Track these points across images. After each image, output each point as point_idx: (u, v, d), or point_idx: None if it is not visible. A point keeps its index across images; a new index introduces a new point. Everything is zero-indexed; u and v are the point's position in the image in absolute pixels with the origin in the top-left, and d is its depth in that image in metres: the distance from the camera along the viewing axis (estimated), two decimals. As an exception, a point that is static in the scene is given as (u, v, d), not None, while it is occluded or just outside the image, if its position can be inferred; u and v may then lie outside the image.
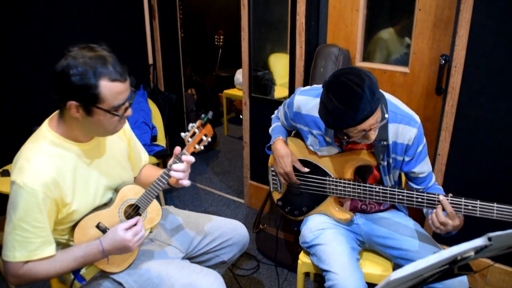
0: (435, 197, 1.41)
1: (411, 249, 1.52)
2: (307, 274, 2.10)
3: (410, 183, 1.61)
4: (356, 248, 1.62)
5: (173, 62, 3.38)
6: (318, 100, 1.53)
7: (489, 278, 2.08)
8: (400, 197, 1.48)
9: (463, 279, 1.43)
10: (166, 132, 2.99)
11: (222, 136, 4.39)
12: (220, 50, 4.58)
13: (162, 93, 3.10)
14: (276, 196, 1.82)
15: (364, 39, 2.30)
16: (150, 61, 3.21)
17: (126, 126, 1.51)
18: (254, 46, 2.60)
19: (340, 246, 1.53)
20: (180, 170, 1.35)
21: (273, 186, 1.81)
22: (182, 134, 1.36)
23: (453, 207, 1.37)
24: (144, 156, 1.62)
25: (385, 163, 1.55)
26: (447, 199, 1.38)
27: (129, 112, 1.26)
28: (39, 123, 1.30)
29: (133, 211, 1.40)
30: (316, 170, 1.65)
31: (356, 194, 1.56)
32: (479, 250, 0.80)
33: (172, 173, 1.35)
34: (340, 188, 1.59)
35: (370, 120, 1.32)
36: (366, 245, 1.69)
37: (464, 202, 1.37)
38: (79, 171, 1.29)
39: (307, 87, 1.69)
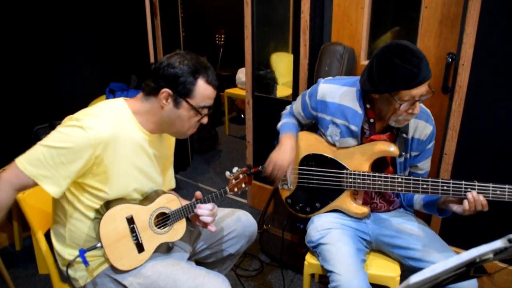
0: (461, 185, 1.38)
1: (419, 248, 1.50)
2: (312, 275, 2.07)
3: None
4: (362, 249, 1.60)
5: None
6: (345, 88, 1.57)
7: (497, 279, 2.06)
8: (424, 186, 1.43)
9: (473, 280, 1.41)
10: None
11: (224, 136, 4.37)
12: (221, 49, 4.55)
13: (164, 92, 3.07)
14: (285, 193, 1.78)
15: (369, 37, 2.28)
16: (152, 59, 3.19)
17: (174, 145, 1.57)
18: (257, 44, 2.58)
19: (345, 247, 1.51)
20: (206, 208, 1.43)
21: (282, 182, 1.78)
22: (227, 173, 1.47)
23: (480, 192, 1.36)
24: (172, 181, 1.65)
25: (403, 158, 1.55)
26: (475, 185, 1.36)
27: (206, 119, 1.35)
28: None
29: (163, 220, 1.42)
30: (331, 164, 1.62)
31: (377, 186, 1.52)
32: (498, 252, 0.78)
33: (199, 211, 1.43)
34: (358, 180, 1.55)
35: (424, 86, 1.35)
36: (374, 245, 1.66)
37: (492, 186, 1.35)
38: (127, 151, 1.30)
39: (330, 78, 1.68)
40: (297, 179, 1.72)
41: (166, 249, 1.51)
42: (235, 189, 1.47)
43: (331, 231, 1.58)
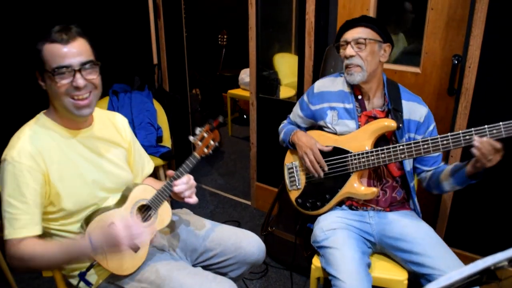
0: (458, 135, 1.42)
1: (422, 253, 1.49)
2: (317, 278, 2.07)
3: (421, 167, 1.68)
4: (367, 251, 1.59)
5: (178, 62, 3.35)
6: (336, 78, 1.76)
7: (503, 282, 2.05)
8: (425, 146, 1.48)
9: None
10: (171, 133, 2.95)
11: (227, 137, 4.36)
12: (224, 50, 4.54)
13: (167, 94, 3.06)
14: (294, 194, 1.78)
15: (374, 38, 2.26)
16: (155, 61, 3.18)
17: (128, 129, 1.51)
18: (261, 46, 2.57)
19: (350, 252, 1.50)
20: (181, 182, 1.39)
21: (291, 184, 1.78)
22: (191, 138, 1.40)
23: (479, 135, 1.40)
24: (148, 166, 1.61)
25: (403, 140, 1.61)
26: (472, 131, 1.40)
27: (79, 82, 1.21)
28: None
29: (145, 211, 1.39)
30: (335, 151, 1.66)
31: (381, 160, 1.56)
32: (513, 260, 0.77)
33: (175, 188, 1.38)
34: (363, 160, 1.59)
35: (355, 30, 1.57)
36: (378, 247, 1.65)
37: (488, 127, 1.39)
38: (66, 155, 1.29)
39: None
40: (304, 175, 1.74)
41: (170, 253, 1.48)
42: (205, 150, 1.42)
43: (336, 232, 1.57)
